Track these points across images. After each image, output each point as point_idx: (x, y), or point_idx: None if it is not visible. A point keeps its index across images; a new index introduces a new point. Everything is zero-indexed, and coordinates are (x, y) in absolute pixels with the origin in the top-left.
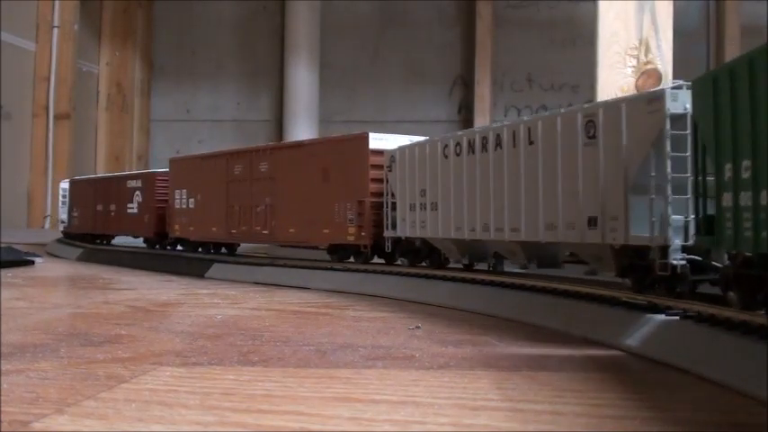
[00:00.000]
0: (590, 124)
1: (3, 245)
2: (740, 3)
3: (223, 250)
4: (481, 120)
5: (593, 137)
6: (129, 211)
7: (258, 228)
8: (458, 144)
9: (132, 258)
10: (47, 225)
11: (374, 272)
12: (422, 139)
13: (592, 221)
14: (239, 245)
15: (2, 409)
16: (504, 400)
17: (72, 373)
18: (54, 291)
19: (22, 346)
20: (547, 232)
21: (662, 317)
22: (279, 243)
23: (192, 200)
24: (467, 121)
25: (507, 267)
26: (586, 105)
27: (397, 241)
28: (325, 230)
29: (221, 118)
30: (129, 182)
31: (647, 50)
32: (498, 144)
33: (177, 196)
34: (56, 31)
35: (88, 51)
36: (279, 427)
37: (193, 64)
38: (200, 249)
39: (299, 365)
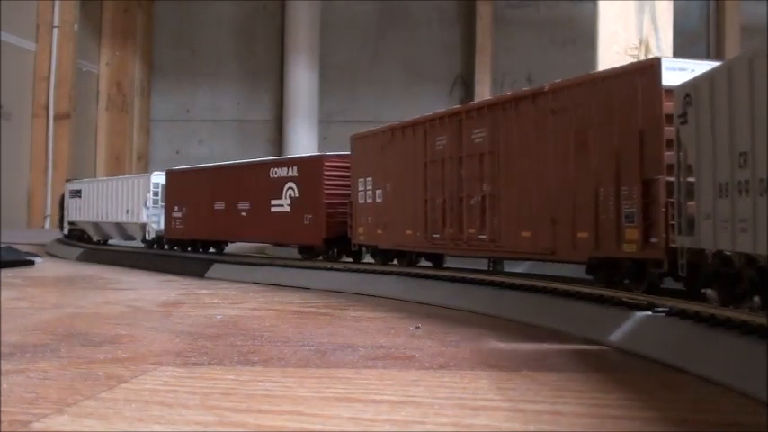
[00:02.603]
0: None
1: (3, 245)
2: (740, 3)
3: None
4: None
5: None
6: (275, 209)
7: (472, 231)
8: None
9: (132, 258)
10: (47, 225)
11: (374, 272)
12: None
13: None
14: (444, 256)
15: (2, 409)
16: (504, 400)
17: (72, 373)
18: (54, 291)
19: (22, 346)
20: None
21: (662, 315)
22: (504, 255)
23: (379, 191)
24: None
25: (507, 267)
26: None
27: (697, 258)
28: (582, 235)
29: (221, 118)
30: (274, 170)
31: (647, 50)
32: None
33: (361, 187)
34: (56, 31)
35: (88, 51)
36: (279, 427)
37: (193, 64)
38: (395, 261)
39: (299, 365)
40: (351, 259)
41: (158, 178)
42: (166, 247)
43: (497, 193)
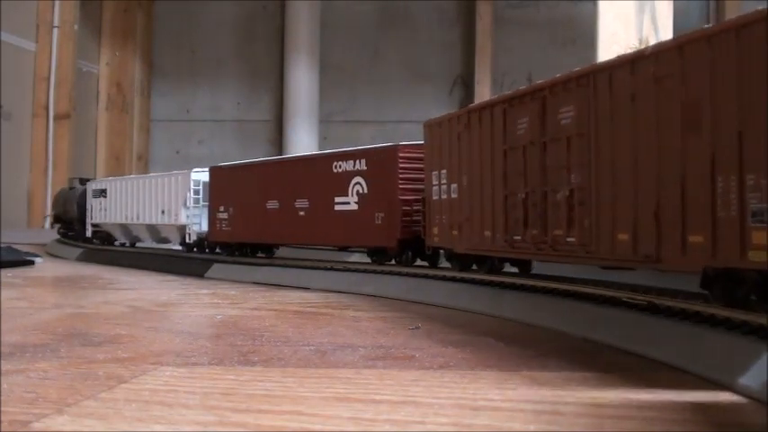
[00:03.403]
0: None
1: (3, 245)
2: (740, 3)
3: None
4: None
5: None
6: (339, 208)
7: (559, 232)
8: None
9: (132, 258)
10: (47, 225)
11: (374, 272)
12: None
13: None
14: (531, 262)
15: (2, 409)
16: (504, 400)
17: (72, 373)
18: (54, 291)
19: (22, 346)
20: None
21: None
22: (598, 262)
23: (454, 186)
24: None
25: (507, 267)
26: None
27: None
28: (695, 238)
29: (221, 118)
30: (338, 164)
31: None
32: None
33: (434, 181)
34: (56, 31)
35: (88, 51)
36: (279, 427)
37: (193, 64)
38: (474, 267)
39: (299, 365)
40: (426, 264)
41: (200, 175)
42: (207, 250)
43: (588, 185)
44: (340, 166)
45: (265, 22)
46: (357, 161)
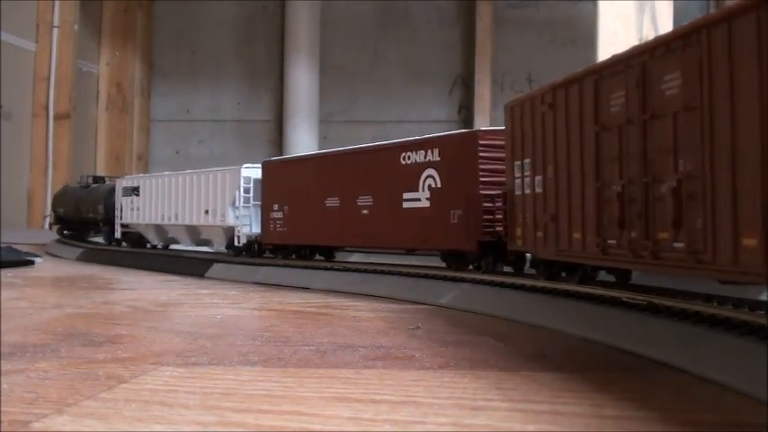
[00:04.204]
0: None
1: (3, 245)
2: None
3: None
4: (481, 120)
5: None
6: (408, 205)
7: (664, 235)
8: None
9: (132, 258)
10: (47, 225)
11: (374, 272)
12: None
13: None
14: (630, 272)
15: (2, 409)
16: (504, 400)
17: (72, 373)
18: (54, 291)
19: (22, 346)
20: None
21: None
22: (719, 276)
23: (538, 179)
24: (467, 121)
25: (507, 268)
26: None
27: None
28: None
29: (221, 118)
30: (407, 155)
31: None
32: None
33: (517, 173)
34: (56, 31)
35: (88, 51)
36: (279, 427)
37: (193, 64)
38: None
39: (299, 365)
40: (511, 270)
41: (250, 171)
42: (266, 253)
43: (700, 173)
44: (409, 158)
45: (265, 22)
46: (429, 151)
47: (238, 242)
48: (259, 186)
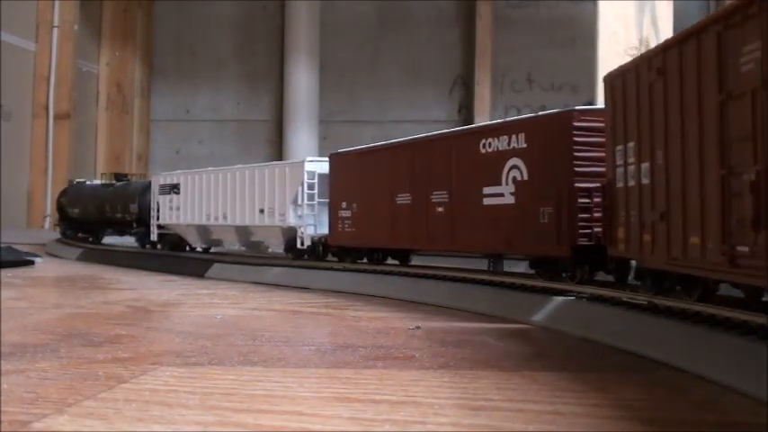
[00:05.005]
0: None
1: (3, 245)
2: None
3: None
4: (481, 120)
5: None
6: (489, 201)
7: None
8: None
9: (132, 258)
10: (46, 225)
11: (374, 272)
12: None
13: None
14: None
15: (2, 409)
16: (504, 400)
17: (72, 373)
18: (54, 291)
19: (22, 346)
20: None
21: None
22: None
23: (645, 166)
24: (467, 122)
25: (507, 267)
26: None
27: None
28: None
29: (221, 118)
30: (487, 141)
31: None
32: None
33: (619, 160)
34: (56, 31)
35: (88, 51)
36: (279, 427)
37: (193, 64)
38: (678, 288)
39: (299, 365)
40: (612, 278)
41: (314, 165)
42: (334, 256)
43: None
44: (490, 145)
45: (265, 22)
46: (513, 136)
47: (301, 244)
48: (324, 182)
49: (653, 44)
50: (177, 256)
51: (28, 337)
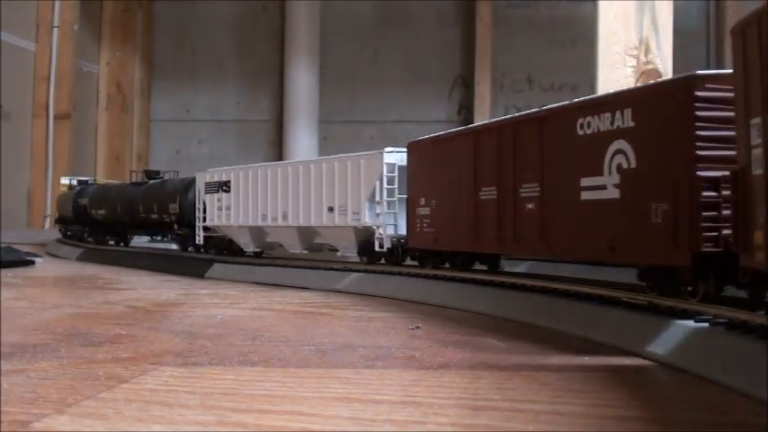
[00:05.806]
0: None
1: (3, 245)
2: (740, 3)
3: None
4: (481, 120)
5: None
6: (587, 196)
7: None
8: None
9: (132, 258)
10: (46, 225)
11: (374, 272)
12: None
13: None
14: None
15: (2, 409)
16: (504, 400)
17: (72, 373)
18: (54, 291)
19: (22, 346)
20: None
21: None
22: None
23: None
24: (466, 122)
25: (507, 267)
26: None
27: None
28: None
29: (221, 118)
30: (585, 121)
31: (647, 50)
32: None
33: (755, 139)
34: (56, 31)
35: (88, 51)
36: (279, 427)
37: (193, 64)
38: None
39: (299, 365)
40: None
41: (394, 157)
42: (413, 258)
43: None
44: (588, 125)
45: (265, 22)
46: (617, 113)
47: (380, 246)
48: (405, 175)
49: (653, 44)
50: (178, 255)
51: (28, 337)
